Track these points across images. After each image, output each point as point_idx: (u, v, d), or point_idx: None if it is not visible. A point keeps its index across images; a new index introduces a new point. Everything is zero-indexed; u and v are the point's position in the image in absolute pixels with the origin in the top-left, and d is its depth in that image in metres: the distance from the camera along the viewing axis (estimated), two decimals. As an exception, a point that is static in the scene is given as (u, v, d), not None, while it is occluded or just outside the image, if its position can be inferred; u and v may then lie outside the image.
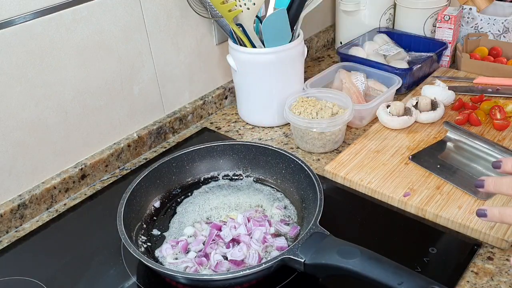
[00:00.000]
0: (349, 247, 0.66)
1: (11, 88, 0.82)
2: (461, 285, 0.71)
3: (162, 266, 0.68)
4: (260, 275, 0.69)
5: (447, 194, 0.85)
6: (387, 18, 1.38)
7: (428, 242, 0.78)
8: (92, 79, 0.94)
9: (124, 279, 0.75)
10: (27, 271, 0.78)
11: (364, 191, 0.89)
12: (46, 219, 0.90)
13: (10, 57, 0.81)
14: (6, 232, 0.87)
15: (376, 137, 1.02)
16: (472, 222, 0.78)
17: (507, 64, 1.22)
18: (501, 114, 1.03)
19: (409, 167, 0.93)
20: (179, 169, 0.90)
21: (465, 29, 1.33)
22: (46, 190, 0.91)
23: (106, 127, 1.00)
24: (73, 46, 0.88)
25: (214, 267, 0.73)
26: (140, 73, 1.02)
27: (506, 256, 0.75)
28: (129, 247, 0.70)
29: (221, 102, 1.22)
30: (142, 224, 0.82)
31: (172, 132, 1.12)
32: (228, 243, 0.77)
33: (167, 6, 1.02)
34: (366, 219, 0.84)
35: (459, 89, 1.16)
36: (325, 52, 1.51)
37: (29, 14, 0.81)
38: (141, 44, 1.00)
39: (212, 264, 0.73)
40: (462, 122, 1.03)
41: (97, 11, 0.90)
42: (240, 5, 0.97)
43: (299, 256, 0.66)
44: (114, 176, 1.00)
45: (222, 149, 0.93)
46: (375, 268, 0.62)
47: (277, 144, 1.07)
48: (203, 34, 1.12)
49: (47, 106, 0.88)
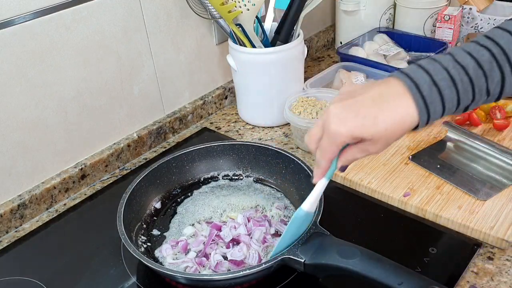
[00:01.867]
0: (349, 247, 0.66)
1: (11, 88, 0.82)
2: (461, 285, 0.71)
3: (162, 266, 0.68)
4: (260, 275, 0.69)
5: (447, 194, 0.85)
6: (387, 18, 1.38)
7: (428, 242, 0.78)
8: (92, 79, 0.94)
9: (124, 279, 0.75)
10: (27, 271, 0.78)
11: (364, 191, 0.89)
12: (46, 219, 0.90)
13: (10, 57, 0.81)
14: (6, 232, 0.87)
15: (376, 137, 1.01)
16: (472, 222, 0.78)
17: (507, 64, 1.22)
18: (501, 114, 1.03)
19: (409, 167, 0.92)
20: (179, 169, 0.90)
21: (465, 29, 1.33)
22: (46, 190, 0.91)
23: (106, 127, 1.00)
24: (73, 46, 0.88)
25: (214, 267, 0.73)
26: (140, 73, 1.02)
27: (506, 256, 0.75)
28: (129, 247, 0.70)
29: (221, 102, 1.22)
30: (142, 224, 0.82)
31: (172, 132, 1.12)
32: (228, 243, 0.77)
33: (167, 6, 1.02)
34: (366, 219, 0.84)
35: (459, 89, 1.16)
36: (325, 52, 1.51)
37: (29, 14, 0.81)
38: (141, 44, 1.00)
39: (212, 264, 0.73)
40: (462, 122, 1.03)
41: (97, 11, 0.90)
42: (239, 6, 0.97)
43: (299, 256, 0.66)
44: (114, 176, 1.00)
45: (222, 149, 0.93)
46: (375, 268, 0.62)
47: (277, 144, 1.06)
48: (203, 34, 1.12)
49: (47, 106, 0.88)
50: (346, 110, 0.54)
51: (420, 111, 0.53)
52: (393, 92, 0.54)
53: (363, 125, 0.53)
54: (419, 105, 0.53)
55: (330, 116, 0.55)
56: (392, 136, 0.54)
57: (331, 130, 0.54)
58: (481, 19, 1.30)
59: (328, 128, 0.55)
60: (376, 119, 0.53)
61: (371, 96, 0.54)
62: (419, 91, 0.53)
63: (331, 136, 0.55)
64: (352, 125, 0.53)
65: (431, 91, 0.53)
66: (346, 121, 0.53)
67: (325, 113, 0.56)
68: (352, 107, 0.54)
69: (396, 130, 0.54)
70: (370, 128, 0.53)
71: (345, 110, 0.54)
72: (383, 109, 0.53)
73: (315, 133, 0.58)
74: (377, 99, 0.54)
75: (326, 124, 0.55)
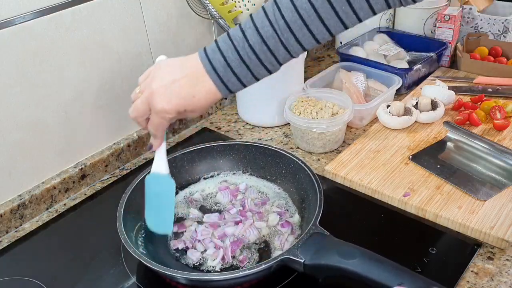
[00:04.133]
0: (349, 248, 0.66)
1: (11, 88, 0.82)
2: (461, 285, 0.71)
3: (162, 267, 0.68)
4: (260, 275, 0.69)
5: (447, 194, 0.85)
6: (387, 18, 1.38)
7: (428, 242, 0.78)
8: (92, 79, 0.94)
9: (124, 279, 0.75)
10: (27, 271, 0.78)
11: (364, 191, 0.89)
12: (46, 219, 0.90)
13: (10, 57, 0.81)
14: (6, 232, 0.87)
15: (376, 137, 1.02)
16: (472, 222, 0.78)
17: (507, 64, 1.22)
18: (501, 114, 1.03)
19: (409, 167, 0.92)
20: (178, 169, 0.90)
21: (465, 29, 1.33)
22: (46, 190, 0.91)
23: (106, 127, 1.00)
24: (73, 46, 0.88)
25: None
26: (140, 73, 1.01)
27: (506, 256, 0.75)
28: (128, 248, 0.70)
29: (221, 102, 1.22)
30: (142, 224, 0.82)
31: (172, 132, 1.12)
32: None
33: (167, 6, 1.02)
34: (366, 219, 0.84)
35: (459, 89, 1.16)
36: (325, 52, 1.51)
37: (29, 14, 0.81)
38: (141, 44, 1.00)
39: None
40: (462, 122, 1.03)
41: (97, 11, 0.90)
42: (240, 6, 0.97)
43: (298, 257, 0.66)
44: (114, 176, 1.00)
45: (221, 149, 0.93)
46: (375, 268, 0.62)
47: (277, 144, 1.06)
48: (203, 34, 1.12)
49: (47, 106, 0.88)
50: (168, 91, 0.66)
51: (220, 88, 0.66)
52: (200, 74, 0.66)
53: (185, 104, 0.66)
54: (217, 84, 0.66)
55: (155, 97, 0.66)
56: (208, 106, 0.68)
57: (159, 109, 0.66)
58: (481, 19, 1.30)
59: (156, 108, 0.66)
60: (194, 98, 0.66)
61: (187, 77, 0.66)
62: (216, 73, 0.65)
63: (159, 114, 0.67)
64: (176, 104, 0.66)
65: (226, 71, 0.65)
66: (171, 101, 0.66)
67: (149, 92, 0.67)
68: (174, 89, 0.66)
69: (210, 102, 0.68)
70: (190, 105, 0.67)
71: (167, 92, 0.66)
72: (198, 89, 0.66)
73: (143, 110, 0.68)
74: (192, 80, 0.66)
75: (153, 104, 0.66)
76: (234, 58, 0.64)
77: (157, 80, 0.67)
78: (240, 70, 0.65)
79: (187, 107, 0.67)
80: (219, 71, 0.65)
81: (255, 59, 0.64)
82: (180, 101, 0.66)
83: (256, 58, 0.64)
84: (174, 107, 0.66)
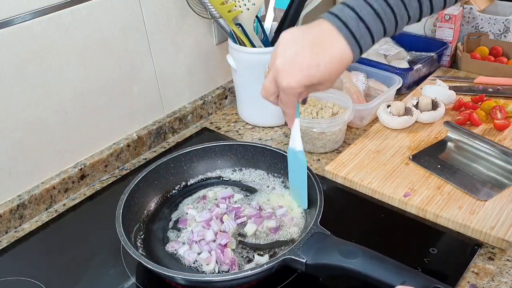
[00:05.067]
0: (350, 247, 0.66)
1: (11, 88, 0.82)
2: (462, 285, 0.71)
3: (162, 268, 0.68)
4: (261, 275, 0.69)
5: (448, 194, 0.85)
6: (387, 18, 1.37)
7: (429, 243, 0.78)
8: (92, 79, 0.94)
9: (123, 280, 0.75)
10: (27, 271, 0.78)
11: (365, 191, 0.89)
12: (45, 219, 0.90)
13: (10, 57, 0.80)
14: (6, 233, 0.87)
15: (376, 137, 1.01)
16: (473, 223, 0.78)
17: (507, 63, 1.22)
18: (501, 114, 1.03)
19: (409, 167, 0.92)
20: (177, 170, 0.90)
21: (465, 29, 1.33)
22: (45, 190, 0.91)
23: (105, 127, 1.00)
24: (72, 46, 0.88)
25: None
26: (140, 73, 1.02)
27: (506, 256, 0.75)
28: (128, 248, 0.70)
29: (221, 102, 1.22)
30: (141, 225, 0.82)
31: (171, 132, 1.12)
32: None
33: (167, 6, 1.02)
34: (367, 219, 0.84)
35: (459, 89, 1.16)
36: (325, 52, 1.50)
37: (28, 13, 0.81)
38: (141, 44, 1.00)
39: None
40: (462, 122, 1.03)
41: (97, 10, 0.90)
42: (239, 5, 0.97)
43: (300, 257, 0.66)
44: (114, 176, 1.00)
45: (220, 150, 0.93)
46: (377, 267, 0.62)
47: (277, 144, 1.06)
48: (203, 34, 1.12)
49: (47, 106, 0.88)
50: (291, 66, 0.61)
51: (353, 47, 0.61)
52: (327, 36, 0.61)
53: (310, 75, 0.61)
54: (351, 42, 0.60)
55: (279, 75, 0.62)
56: (336, 74, 0.63)
57: (284, 86, 0.62)
58: (482, 18, 1.30)
59: (281, 86, 0.63)
60: (318, 66, 0.60)
61: (309, 46, 0.61)
62: (348, 29, 0.60)
63: (286, 91, 0.63)
64: (301, 77, 0.61)
65: (359, 26, 0.60)
66: (294, 76, 0.61)
67: (274, 70, 0.63)
68: (296, 62, 0.61)
69: (338, 69, 0.62)
70: (316, 75, 0.61)
71: (290, 67, 0.61)
72: (323, 55, 0.60)
73: (271, 89, 0.66)
74: (315, 48, 0.61)
75: (278, 81, 0.63)
76: (367, 12, 0.60)
77: (280, 56, 0.63)
78: (375, 25, 0.61)
79: (313, 80, 0.62)
80: (351, 26, 0.60)
81: (390, 13, 0.61)
82: (303, 74, 0.61)
83: (390, 11, 0.61)
84: (299, 81, 0.62)
